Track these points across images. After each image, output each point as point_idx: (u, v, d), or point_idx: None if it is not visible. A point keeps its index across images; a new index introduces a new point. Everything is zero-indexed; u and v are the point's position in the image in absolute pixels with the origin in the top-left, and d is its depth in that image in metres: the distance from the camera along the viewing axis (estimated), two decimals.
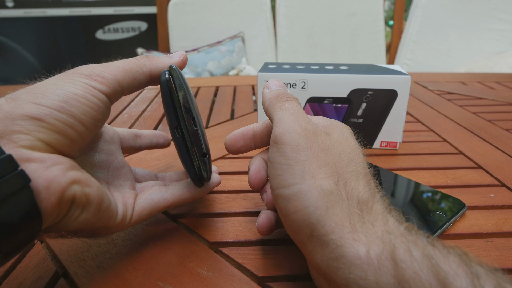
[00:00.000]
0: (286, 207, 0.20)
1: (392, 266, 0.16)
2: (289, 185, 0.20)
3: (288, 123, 0.22)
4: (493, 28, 1.55)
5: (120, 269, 0.25)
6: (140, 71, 0.24)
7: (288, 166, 0.20)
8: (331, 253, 0.18)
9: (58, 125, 0.19)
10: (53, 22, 1.97)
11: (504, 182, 0.36)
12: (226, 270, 0.25)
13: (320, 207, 0.19)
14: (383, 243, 0.17)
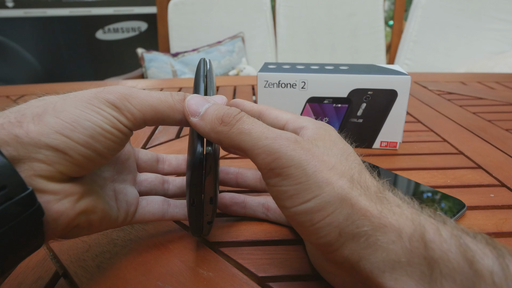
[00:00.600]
0: (312, 218, 0.19)
1: (422, 247, 0.17)
2: (309, 199, 0.19)
3: (272, 146, 0.20)
4: (493, 28, 1.55)
5: (120, 269, 0.25)
6: (171, 116, 0.22)
7: (300, 185, 0.20)
8: (364, 243, 0.18)
9: (80, 159, 0.19)
10: (53, 22, 1.97)
11: (504, 182, 0.36)
12: (226, 270, 0.25)
13: (345, 206, 0.19)
14: (413, 225, 0.18)
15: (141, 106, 0.21)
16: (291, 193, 0.20)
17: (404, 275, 0.17)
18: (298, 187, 0.19)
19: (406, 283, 0.17)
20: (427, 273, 0.16)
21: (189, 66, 1.63)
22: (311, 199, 0.19)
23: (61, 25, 1.98)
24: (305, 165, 0.20)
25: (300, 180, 0.19)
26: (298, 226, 0.20)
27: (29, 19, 1.94)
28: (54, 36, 2.00)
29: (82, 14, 1.98)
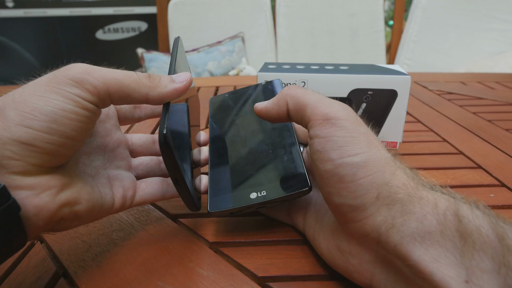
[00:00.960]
0: (355, 173, 0.20)
1: (456, 220, 0.17)
2: (357, 153, 0.20)
3: (332, 102, 0.23)
4: (493, 28, 1.55)
5: (120, 269, 0.25)
6: (137, 90, 0.22)
7: (352, 138, 0.21)
8: (398, 211, 0.19)
9: (49, 147, 0.19)
10: (53, 22, 1.97)
11: (504, 182, 0.36)
12: (226, 270, 0.25)
13: (387, 171, 0.20)
14: (448, 202, 0.18)
15: (104, 79, 0.21)
16: (341, 144, 0.21)
17: (435, 246, 0.17)
18: (349, 140, 0.21)
19: (436, 254, 0.17)
20: (459, 245, 0.17)
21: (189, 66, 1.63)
22: (359, 154, 0.20)
23: (61, 25, 1.98)
24: (359, 124, 0.22)
25: (352, 134, 0.21)
26: (338, 182, 0.21)
27: (29, 19, 1.94)
28: (54, 36, 2.00)
29: (82, 14, 1.98)
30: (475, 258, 0.16)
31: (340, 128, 0.21)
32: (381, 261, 0.20)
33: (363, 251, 0.21)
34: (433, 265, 0.17)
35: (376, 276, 0.20)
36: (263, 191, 0.27)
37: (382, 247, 0.19)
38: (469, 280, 0.16)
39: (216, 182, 0.29)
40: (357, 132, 0.21)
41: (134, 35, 2.06)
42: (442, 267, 0.16)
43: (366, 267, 0.21)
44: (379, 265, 0.20)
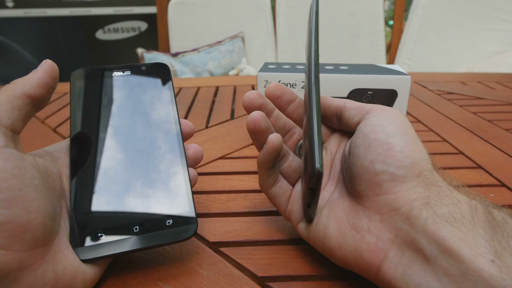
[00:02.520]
0: (405, 145, 0.22)
1: (486, 212, 0.18)
2: (409, 134, 0.22)
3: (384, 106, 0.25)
4: (493, 28, 1.55)
5: (120, 269, 0.25)
6: (13, 96, 0.21)
7: (405, 125, 0.23)
8: (434, 193, 0.20)
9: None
10: (53, 22, 1.97)
11: (504, 182, 0.36)
12: (226, 270, 0.25)
13: (429, 160, 0.22)
14: (479, 199, 0.20)
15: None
16: (395, 124, 0.23)
17: (467, 226, 0.18)
18: (402, 123, 0.23)
19: (465, 234, 0.17)
20: (488, 232, 0.17)
21: (189, 66, 1.63)
22: (410, 134, 0.23)
23: (61, 25, 1.98)
24: (405, 117, 0.24)
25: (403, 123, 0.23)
26: (387, 150, 0.22)
27: (29, 19, 1.94)
28: (54, 36, 2.00)
29: (82, 14, 1.98)
30: (503, 243, 0.16)
31: (396, 117, 0.23)
32: (400, 241, 0.19)
33: (383, 228, 0.20)
34: (461, 243, 0.17)
35: (389, 258, 0.20)
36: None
37: (410, 222, 0.19)
38: (495, 259, 0.16)
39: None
40: (409, 124, 0.24)
41: (134, 35, 2.06)
42: (469, 245, 0.17)
43: (382, 246, 0.20)
44: (396, 246, 0.20)
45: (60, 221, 0.22)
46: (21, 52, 1.96)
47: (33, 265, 0.19)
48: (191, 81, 0.82)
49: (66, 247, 0.21)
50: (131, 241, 0.23)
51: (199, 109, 0.61)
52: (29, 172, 0.20)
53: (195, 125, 0.53)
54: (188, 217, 0.24)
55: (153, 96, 0.29)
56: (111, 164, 0.25)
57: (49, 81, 0.23)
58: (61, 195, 0.23)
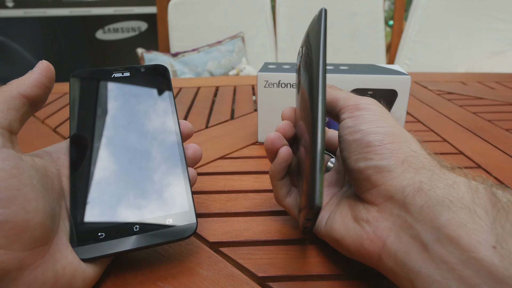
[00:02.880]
0: (382, 139, 0.22)
1: (489, 193, 0.17)
2: (385, 126, 0.23)
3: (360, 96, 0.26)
4: (493, 28, 1.55)
5: (120, 269, 0.25)
6: (10, 96, 0.22)
7: (380, 116, 0.23)
8: (426, 176, 0.20)
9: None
10: (53, 22, 1.97)
11: (504, 182, 0.36)
12: (226, 270, 0.25)
13: (413, 144, 0.22)
14: (480, 179, 0.19)
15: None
16: (371, 119, 0.23)
17: (464, 211, 0.17)
18: (378, 117, 0.23)
19: (464, 218, 0.16)
20: (491, 214, 0.16)
21: (189, 66, 1.63)
22: (387, 126, 0.23)
23: (61, 25, 1.98)
24: (386, 110, 0.24)
25: (381, 114, 0.24)
26: (366, 147, 0.22)
27: (29, 19, 1.94)
28: (54, 36, 2.00)
29: (82, 14, 1.98)
30: (507, 227, 0.16)
31: (370, 110, 0.24)
32: (397, 228, 0.20)
33: (381, 217, 0.21)
34: (460, 230, 0.16)
35: (387, 246, 0.20)
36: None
37: (406, 209, 0.19)
38: (498, 246, 0.15)
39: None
40: (386, 114, 0.24)
41: (134, 35, 2.06)
42: (469, 232, 0.16)
43: (380, 233, 0.20)
44: (394, 233, 0.20)
45: (59, 221, 0.22)
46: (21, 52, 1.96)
47: (32, 264, 0.19)
48: (191, 81, 0.82)
49: (66, 247, 0.21)
50: (131, 240, 0.23)
51: (199, 109, 0.61)
52: (27, 172, 0.20)
53: (195, 125, 0.53)
54: (187, 216, 0.25)
55: (152, 97, 0.29)
56: (111, 164, 0.25)
57: (45, 82, 0.23)
58: (60, 195, 0.23)
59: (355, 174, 0.23)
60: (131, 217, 0.24)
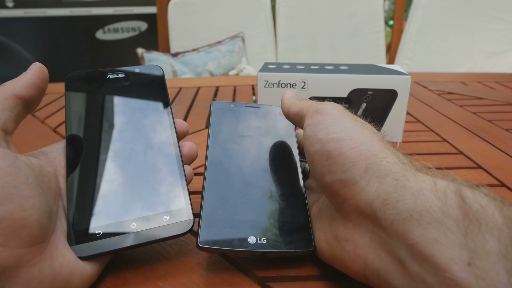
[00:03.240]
0: (341, 146, 0.21)
1: (458, 199, 0.16)
2: (342, 130, 0.22)
3: (321, 102, 0.26)
4: (493, 28, 1.55)
5: (120, 269, 0.25)
6: (3, 97, 0.22)
7: (337, 120, 0.23)
8: (391, 184, 0.19)
9: None
10: (53, 22, 1.97)
11: (504, 182, 0.36)
12: (226, 270, 0.25)
13: (375, 145, 0.21)
14: (447, 182, 0.18)
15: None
16: (327, 125, 0.23)
17: (434, 224, 0.16)
18: (335, 121, 0.23)
19: (436, 233, 0.16)
20: (462, 224, 0.15)
21: (189, 66, 1.63)
22: (344, 130, 0.22)
23: (61, 25, 1.98)
24: (344, 111, 0.24)
25: (338, 117, 0.23)
26: (327, 158, 0.22)
27: (29, 19, 1.94)
28: (54, 36, 2.00)
29: (82, 14, 1.98)
30: (480, 239, 0.15)
31: (327, 115, 0.24)
32: (375, 245, 0.19)
33: (357, 234, 0.20)
34: (433, 247, 0.15)
35: (368, 264, 0.19)
36: (263, 238, 0.24)
37: (378, 225, 0.19)
38: (472, 263, 0.14)
39: (212, 209, 0.25)
40: (343, 116, 0.23)
41: (134, 35, 2.06)
42: (443, 249, 0.15)
43: (359, 252, 0.20)
44: (372, 251, 0.19)
45: (57, 220, 0.22)
46: (21, 52, 1.96)
47: (30, 262, 0.19)
48: (191, 81, 0.82)
49: (63, 245, 0.22)
50: (128, 237, 0.23)
51: (199, 109, 0.61)
52: (23, 170, 0.20)
53: (195, 125, 0.53)
54: (184, 212, 0.25)
55: (147, 98, 0.29)
56: (107, 163, 0.26)
57: (38, 82, 0.23)
58: (57, 195, 0.23)
59: (324, 188, 0.23)
60: (128, 214, 0.24)
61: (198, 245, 0.23)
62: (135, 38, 2.06)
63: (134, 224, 0.24)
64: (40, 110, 0.61)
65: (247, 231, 0.24)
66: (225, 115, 0.32)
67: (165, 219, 0.24)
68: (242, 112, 0.33)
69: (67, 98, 0.28)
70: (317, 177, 0.23)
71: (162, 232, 0.24)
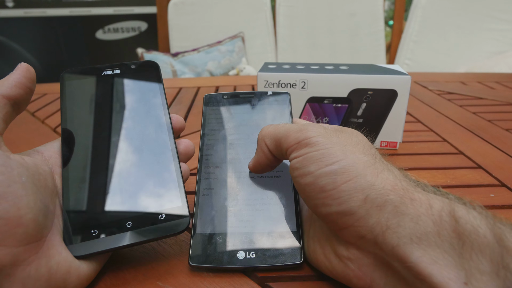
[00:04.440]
0: (335, 180, 0.20)
1: (452, 221, 0.17)
2: (334, 162, 0.21)
3: (301, 125, 0.24)
4: (493, 28, 1.55)
5: (120, 269, 0.25)
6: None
7: (326, 150, 0.22)
8: (391, 212, 0.19)
9: None
10: (53, 22, 1.97)
11: (504, 182, 0.36)
12: (226, 270, 0.25)
13: (369, 174, 0.20)
14: (442, 203, 0.18)
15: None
16: (317, 157, 0.21)
17: (433, 247, 0.17)
18: (324, 152, 0.21)
19: (434, 255, 0.17)
20: (457, 246, 0.16)
21: (189, 66, 1.63)
22: (336, 162, 0.21)
23: (61, 25, 1.98)
24: (329, 136, 0.22)
25: (326, 146, 0.22)
26: (320, 192, 0.21)
27: (29, 19, 1.94)
28: (54, 36, 2.00)
29: (82, 14, 1.98)
30: (474, 260, 0.16)
31: (313, 145, 0.22)
32: (380, 264, 0.20)
33: (362, 254, 0.21)
34: (432, 267, 0.16)
35: (375, 281, 0.20)
36: (252, 252, 0.24)
37: (380, 249, 0.19)
38: (468, 282, 0.15)
39: (204, 221, 0.26)
40: (331, 143, 0.22)
41: (134, 35, 2.06)
42: (441, 269, 0.16)
43: (365, 271, 0.20)
44: (378, 269, 0.20)
45: (53, 218, 0.22)
46: (21, 52, 1.96)
47: (26, 260, 0.19)
48: (191, 81, 0.82)
49: (60, 243, 0.22)
50: (124, 236, 0.23)
51: (199, 109, 0.61)
52: (15, 169, 0.20)
53: (195, 125, 0.53)
54: (180, 211, 0.25)
55: (143, 94, 0.29)
56: (102, 161, 0.26)
57: (24, 82, 0.24)
58: (54, 193, 0.23)
59: (320, 217, 0.22)
60: (124, 213, 0.24)
61: (190, 264, 0.24)
62: (135, 38, 2.06)
63: (130, 223, 0.24)
64: (40, 110, 0.61)
65: (235, 244, 0.25)
66: (218, 108, 0.32)
67: (161, 218, 0.24)
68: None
69: (62, 95, 0.28)
70: (311, 208, 0.22)
71: (158, 231, 0.24)
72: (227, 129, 0.31)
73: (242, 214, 0.26)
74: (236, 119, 0.32)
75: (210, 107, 0.33)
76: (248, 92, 0.34)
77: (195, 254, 0.24)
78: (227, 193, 0.28)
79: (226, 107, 0.33)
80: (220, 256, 0.24)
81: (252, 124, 0.31)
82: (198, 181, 0.28)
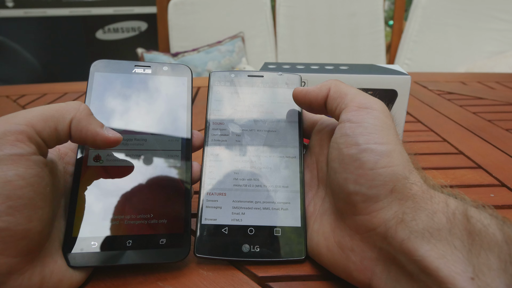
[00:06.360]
0: (377, 161, 0.20)
1: (464, 220, 0.17)
2: (385, 143, 0.21)
3: (370, 96, 0.24)
4: (493, 28, 1.55)
5: (120, 269, 0.25)
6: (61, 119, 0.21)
7: (382, 128, 0.21)
8: (410, 207, 0.19)
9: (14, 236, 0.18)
10: (53, 22, 1.97)
11: (504, 182, 0.36)
12: (226, 270, 0.25)
13: (406, 167, 0.21)
14: (457, 202, 0.19)
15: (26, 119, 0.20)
16: (371, 130, 0.21)
17: (443, 242, 0.17)
18: (379, 129, 0.21)
19: (443, 250, 0.17)
20: (467, 244, 0.17)
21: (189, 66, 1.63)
22: (386, 143, 0.21)
23: (61, 25, 1.98)
24: (390, 117, 0.23)
25: (384, 125, 0.22)
26: (358, 168, 0.21)
27: (29, 19, 1.94)
28: (54, 36, 2.00)
29: (82, 14, 1.98)
30: (482, 256, 0.16)
31: (373, 116, 0.22)
32: (384, 259, 0.20)
33: (365, 247, 0.21)
34: (439, 261, 0.17)
35: (377, 275, 0.20)
36: (257, 246, 0.25)
37: (388, 242, 0.19)
38: (475, 277, 0.16)
39: (209, 213, 0.26)
40: (388, 124, 0.22)
41: (134, 35, 2.06)
42: (448, 263, 0.16)
43: (367, 264, 0.20)
44: (381, 263, 0.20)
45: (55, 221, 0.22)
46: (21, 52, 1.96)
47: (21, 269, 0.19)
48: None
49: (57, 251, 0.22)
50: (122, 255, 0.23)
51: (199, 109, 0.61)
52: (45, 180, 0.20)
53: (195, 125, 0.53)
54: (181, 239, 0.24)
55: (169, 100, 0.28)
56: (115, 173, 0.25)
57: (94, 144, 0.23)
58: (61, 194, 0.23)
59: (342, 194, 0.22)
60: (125, 231, 0.24)
61: (195, 254, 0.24)
62: (135, 38, 2.06)
63: (130, 241, 0.23)
64: None
65: (240, 237, 0.25)
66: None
67: (161, 243, 0.24)
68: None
69: (89, 86, 0.26)
70: (340, 181, 0.22)
71: (156, 256, 0.23)
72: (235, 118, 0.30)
73: (248, 209, 0.26)
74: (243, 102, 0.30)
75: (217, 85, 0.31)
76: (257, 72, 0.32)
77: (201, 245, 0.25)
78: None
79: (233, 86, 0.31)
80: (225, 248, 0.25)
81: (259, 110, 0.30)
82: (203, 159, 0.27)
